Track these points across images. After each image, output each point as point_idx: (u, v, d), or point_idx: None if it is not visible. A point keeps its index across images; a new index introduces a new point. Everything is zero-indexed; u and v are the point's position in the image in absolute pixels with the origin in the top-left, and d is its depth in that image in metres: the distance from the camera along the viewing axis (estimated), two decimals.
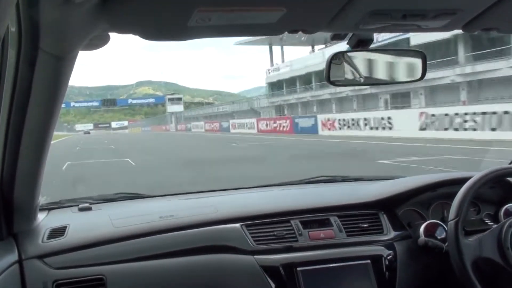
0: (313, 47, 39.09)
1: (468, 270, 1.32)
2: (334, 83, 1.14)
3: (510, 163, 1.84)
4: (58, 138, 37.38)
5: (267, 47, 42.05)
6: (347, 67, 1.15)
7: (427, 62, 1.22)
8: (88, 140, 33.87)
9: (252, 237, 1.46)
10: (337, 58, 1.13)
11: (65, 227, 1.42)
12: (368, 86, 13.24)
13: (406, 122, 17.32)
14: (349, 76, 1.15)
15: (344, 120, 21.91)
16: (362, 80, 1.17)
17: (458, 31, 1.01)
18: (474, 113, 14.68)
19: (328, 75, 1.13)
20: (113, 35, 0.90)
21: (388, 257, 1.50)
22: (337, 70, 1.14)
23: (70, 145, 25.13)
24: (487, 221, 1.65)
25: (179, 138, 32.56)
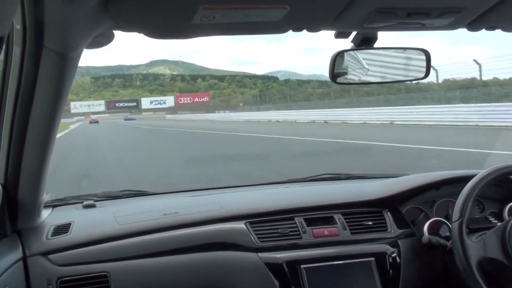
0: None
1: (473, 271, 1.31)
2: (338, 82, 1.14)
3: None
4: None
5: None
6: (351, 66, 1.14)
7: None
8: None
9: (256, 234, 1.46)
10: (341, 56, 1.13)
11: (70, 224, 1.43)
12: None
13: None
14: (353, 74, 1.15)
15: None
16: (366, 78, 1.16)
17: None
18: None
19: (332, 74, 1.12)
20: (117, 32, 0.91)
21: (392, 255, 1.49)
22: (342, 69, 1.14)
23: None
24: (491, 219, 1.64)
25: None
